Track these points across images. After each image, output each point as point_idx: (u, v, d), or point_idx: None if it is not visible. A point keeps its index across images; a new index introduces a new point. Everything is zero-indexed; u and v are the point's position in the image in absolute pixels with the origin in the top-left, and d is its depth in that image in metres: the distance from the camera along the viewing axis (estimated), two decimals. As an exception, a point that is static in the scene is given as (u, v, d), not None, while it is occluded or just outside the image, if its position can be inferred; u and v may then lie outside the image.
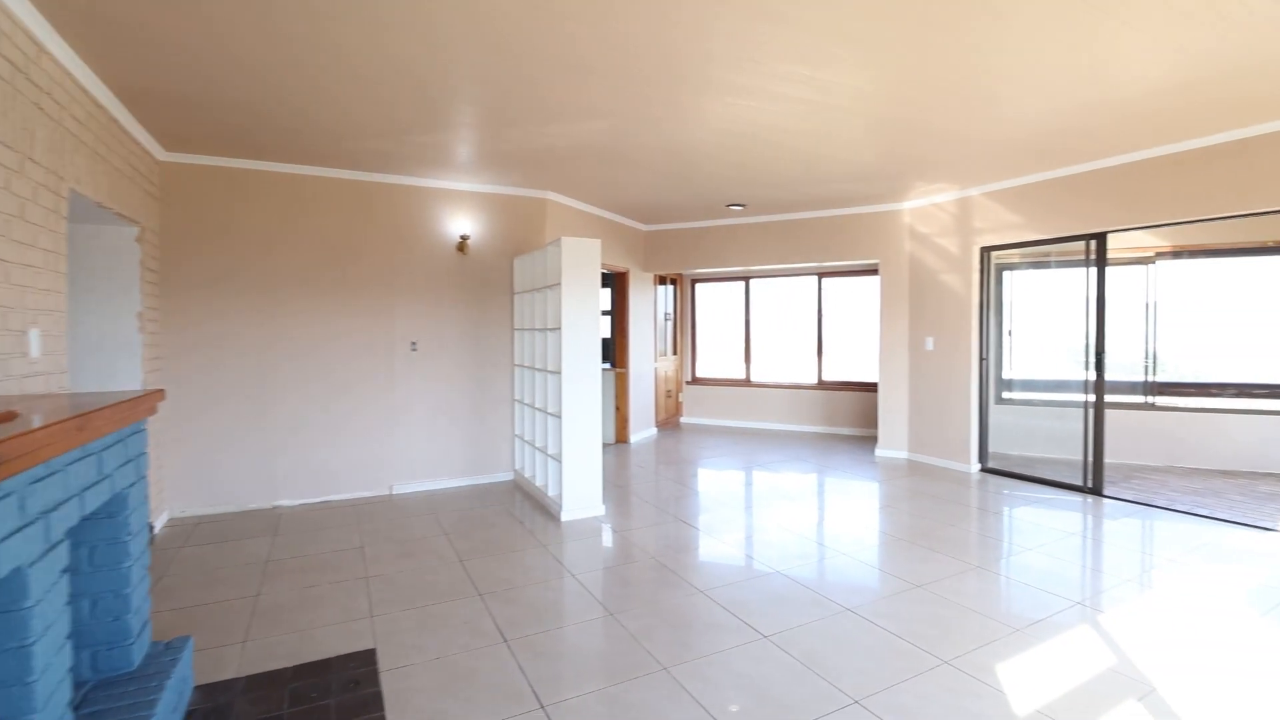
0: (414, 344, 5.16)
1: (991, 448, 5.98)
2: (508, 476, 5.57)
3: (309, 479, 4.86)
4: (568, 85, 3.31)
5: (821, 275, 8.13)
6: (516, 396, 5.48)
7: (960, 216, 5.83)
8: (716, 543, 3.92)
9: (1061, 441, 6.66)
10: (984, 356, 5.83)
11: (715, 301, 9.02)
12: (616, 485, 5.37)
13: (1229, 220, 4.40)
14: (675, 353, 8.72)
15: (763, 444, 7.30)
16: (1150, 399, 6.44)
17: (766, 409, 8.39)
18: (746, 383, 8.59)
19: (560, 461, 4.38)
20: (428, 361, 5.22)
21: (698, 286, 8.99)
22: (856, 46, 2.89)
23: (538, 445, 4.94)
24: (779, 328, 8.82)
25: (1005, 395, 6.89)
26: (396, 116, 3.74)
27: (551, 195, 5.77)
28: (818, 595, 3.12)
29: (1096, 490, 4.98)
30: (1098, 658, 2.51)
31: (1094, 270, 4.95)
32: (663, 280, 8.29)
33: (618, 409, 7.19)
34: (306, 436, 4.84)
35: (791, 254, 6.97)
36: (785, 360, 8.71)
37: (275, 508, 4.73)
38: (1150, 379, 6.45)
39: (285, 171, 4.73)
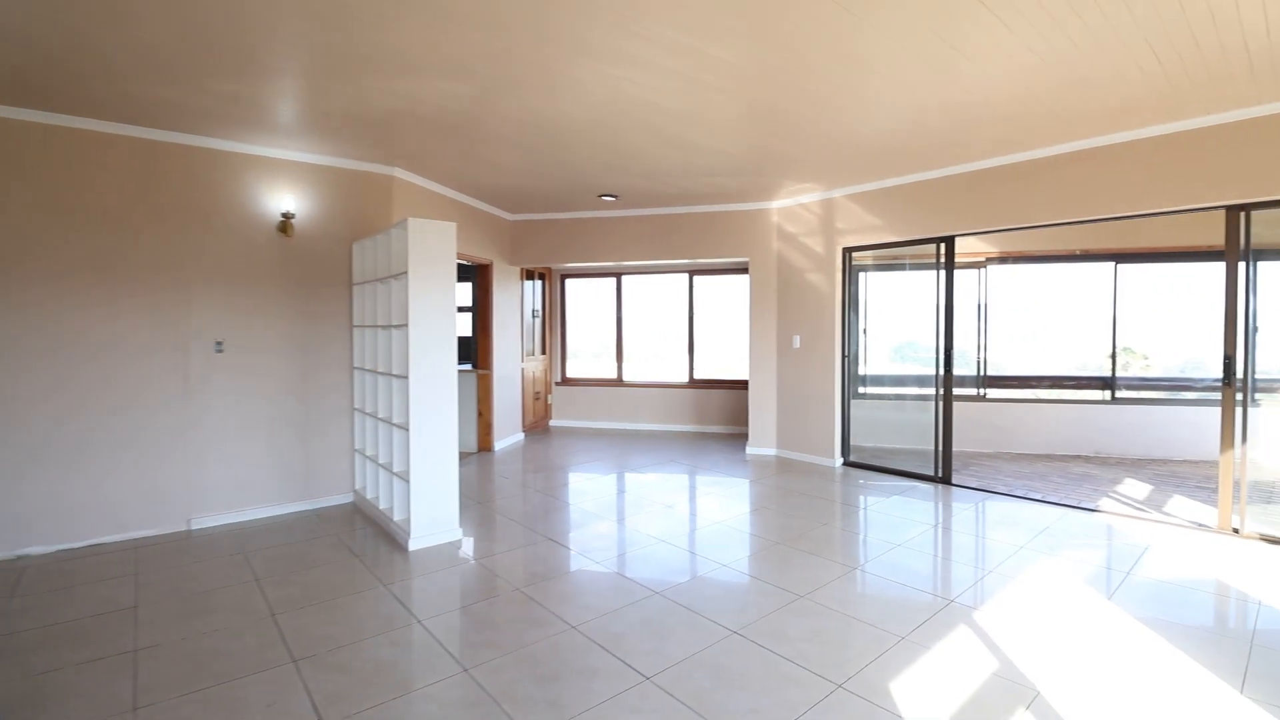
0: (219, 344, 4.21)
1: (851, 441, 6.17)
2: (345, 499, 4.77)
3: (69, 517, 3.77)
4: (418, 29, 2.73)
5: (693, 273, 8.06)
6: (357, 405, 4.71)
7: (825, 217, 5.94)
8: (589, 563, 3.54)
9: (911, 433, 7.12)
10: (846, 354, 6.00)
11: (586, 298, 8.65)
12: (478, 502, 4.80)
13: (1048, 229, 4.81)
14: (544, 352, 8.23)
15: (635, 446, 7.05)
16: (982, 391, 7.05)
17: (639, 409, 8.17)
18: (619, 383, 8.31)
19: (408, 481, 3.75)
20: (238, 364, 4.29)
21: (568, 282, 8.56)
22: (744, 18, 2.63)
23: (382, 462, 4.24)
24: (651, 326, 8.65)
25: (861, 390, 7.22)
26: (186, 50, 2.92)
27: (400, 172, 5.04)
28: (700, 618, 2.84)
29: (946, 479, 5.27)
30: (982, 663, 2.46)
31: (943, 273, 5.23)
32: (530, 275, 7.76)
33: (480, 414, 6.56)
34: (66, 462, 3.75)
35: (664, 250, 6.77)
36: (657, 360, 8.56)
37: (18, 558, 3.61)
38: (981, 373, 7.05)
39: (34, 121, 3.61)
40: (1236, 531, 3.88)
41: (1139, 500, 4.81)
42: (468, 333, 7.57)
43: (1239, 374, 3.94)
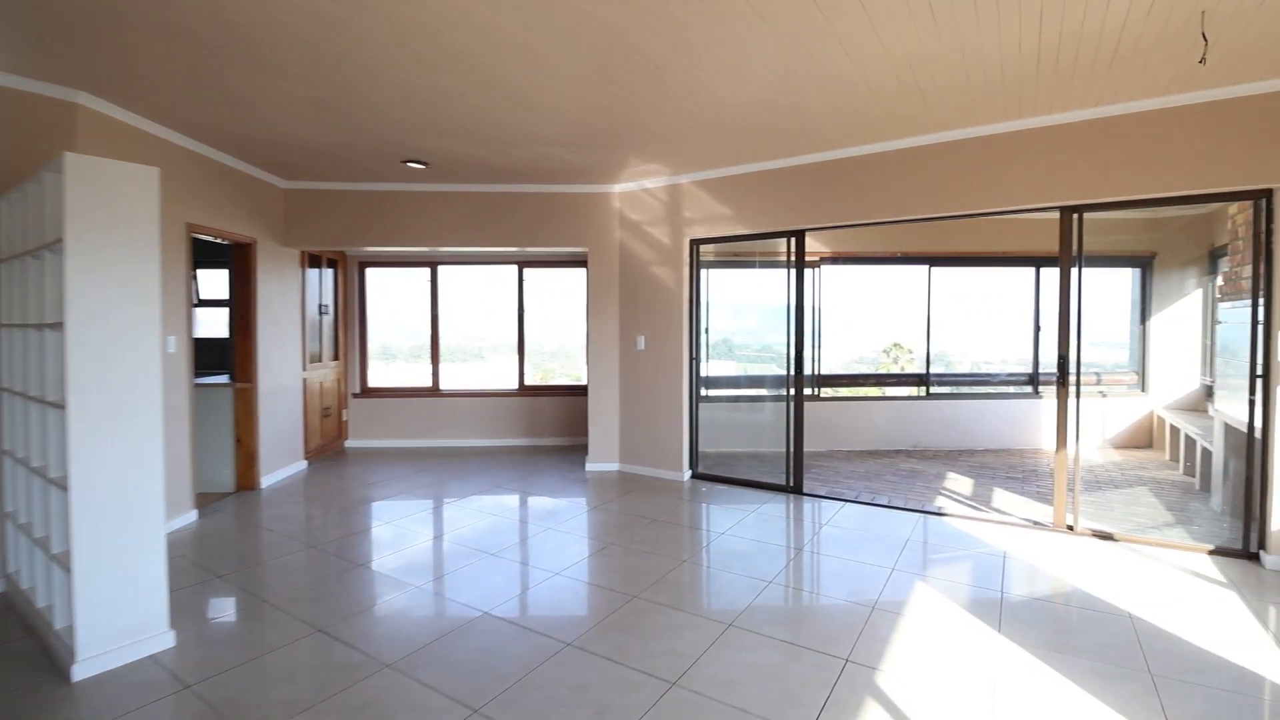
0: None
1: (699, 448, 5.68)
2: (-14, 589, 3.10)
3: None
4: None
5: (524, 264, 7.08)
6: (6, 446, 3.07)
7: (672, 205, 5.36)
8: (377, 667, 2.47)
9: (759, 436, 6.89)
10: (694, 356, 5.48)
11: (393, 292, 7.23)
12: (215, 575, 3.40)
13: (880, 229, 4.69)
14: (338, 358, 6.69)
15: (455, 468, 5.92)
16: (816, 391, 7.03)
17: (460, 423, 7.00)
18: (435, 392, 7.06)
19: (69, 568, 2.36)
20: None
21: (369, 272, 7.08)
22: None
23: (38, 535, 2.73)
24: (475, 326, 7.51)
25: (705, 394, 6.82)
26: None
27: (90, 100, 3.44)
28: (545, 747, 1.97)
29: (797, 488, 4.96)
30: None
31: (793, 270, 4.91)
32: (316, 261, 6.21)
33: (239, 442, 4.97)
34: None
35: (490, 236, 5.73)
36: (482, 364, 7.45)
37: None
38: (816, 373, 7.03)
39: None
40: (1071, 529, 3.95)
41: (971, 498, 4.89)
42: (224, 333, 5.84)
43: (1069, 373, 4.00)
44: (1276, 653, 2.51)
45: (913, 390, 7.22)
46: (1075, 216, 3.88)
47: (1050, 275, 7.11)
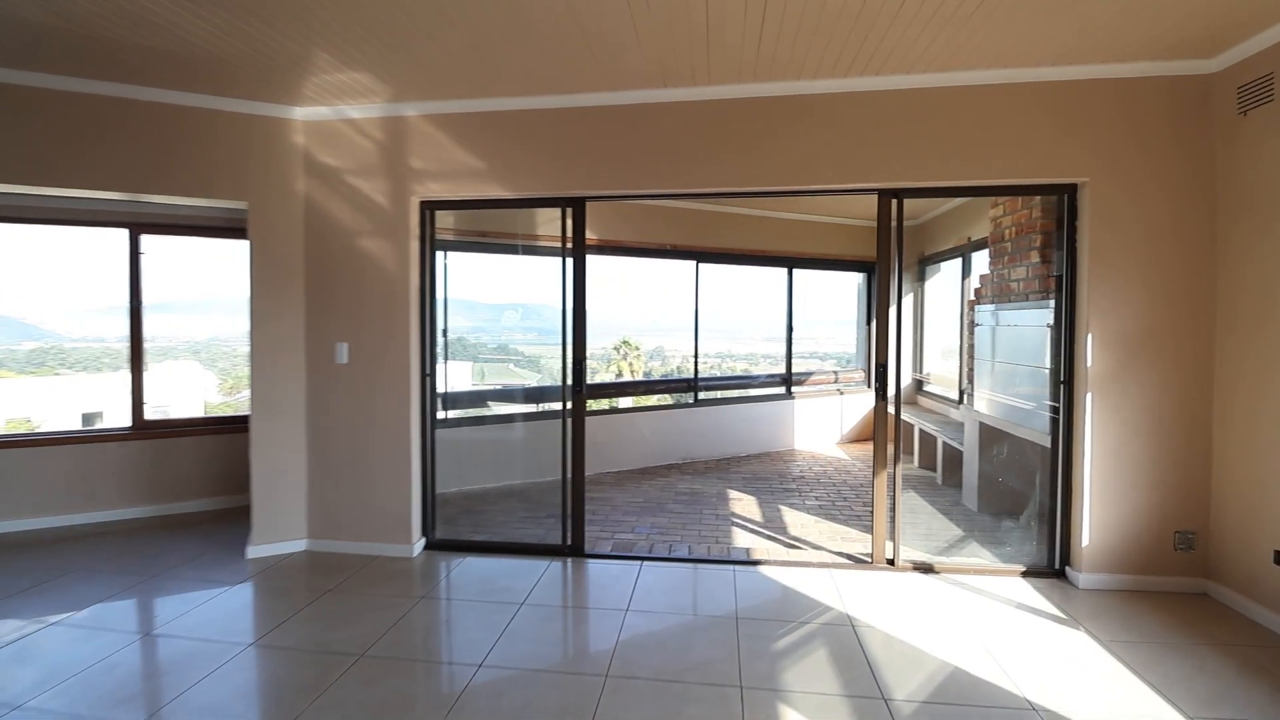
0: None
1: (436, 493, 4.07)
2: None
3: None
4: None
5: (138, 228, 4.47)
6: None
7: (392, 148, 3.62)
8: None
9: (517, 465, 5.46)
10: (428, 369, 3.83)
11: None
12: None
13: (650, 214, 3.74)
14: None
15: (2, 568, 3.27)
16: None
17: (16, 488, 4.11)
18: (-51, 439, 4.04)
19: None
20: None
21: None
22: None
23: None
24: (49, 321, 4.63)
25: (444, 416, 5.19)
26: None
27: None
28: None
29: (577, 548, 3.69)
30: None
31: (570, 257, 3.62)
32: None
33: None
34: None
35: (63, 171, 3.24)
36: (63, 389, 4.61)
37: None
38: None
39: None
40: (892, 563, 3.43)
41: (766, 525, 4.23)
42: None
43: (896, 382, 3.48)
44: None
45: (650, 399, 6.58)
46: (895, 202, 3.34)
47: (806, 277, 7.14)
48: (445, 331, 5.23)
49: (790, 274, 6.94)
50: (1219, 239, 3.03)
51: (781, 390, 7.07)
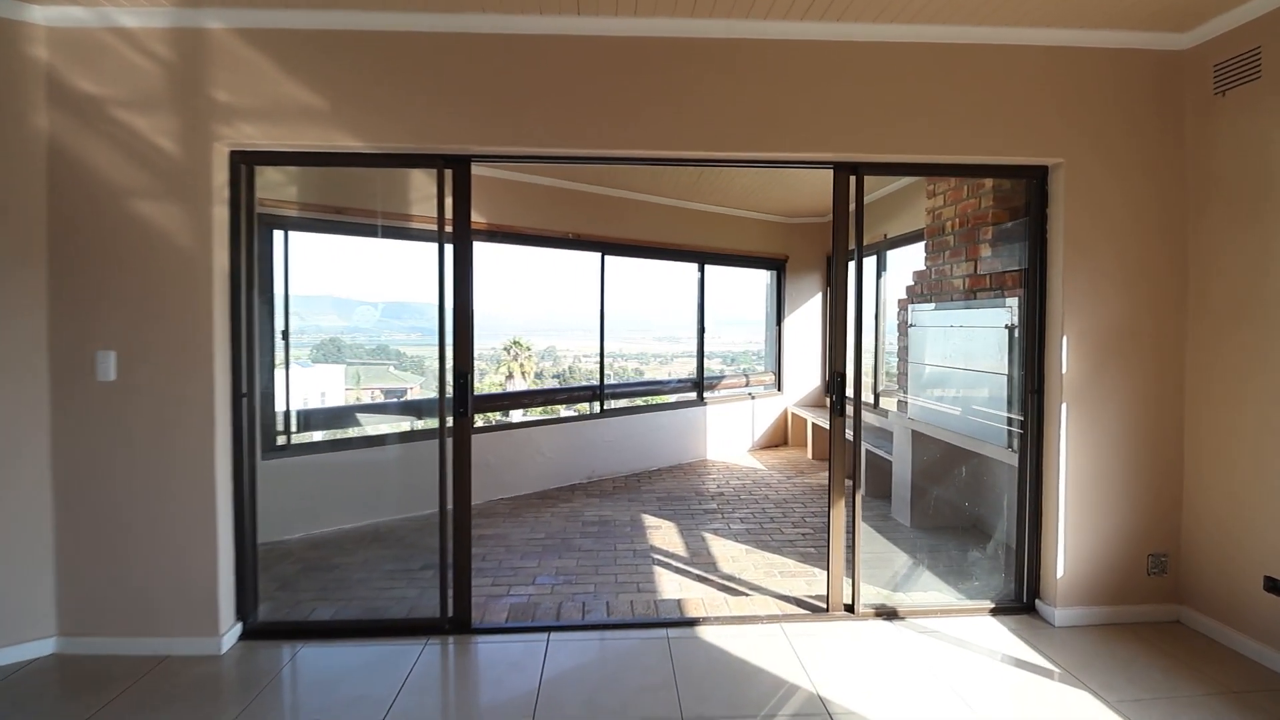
0: None
1: (259, 540, 3.04)
2: None
3: None
4: None
5: None
6: None
7: (186, 72, 2.54)
8: None
9: (382, 498, 4.41)
10: (245, 390, 2.77)
11: None
12: None
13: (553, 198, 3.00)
14: None
15: None
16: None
17: None
18: None
19: None
20: None
21: None
22: None
23: None
24: None
25: (282, 444, 4.11)
26: None
27: None
28: None
29: (462, 621, 2.80)
30: None
31: (449, 240, 2.74)
32: None
33: None
34: None
35: None
36: None
37: None
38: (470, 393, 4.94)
39: None
40: (851, 609, 2.88)
41: (693, 561, 3.59)
42: None
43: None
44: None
45: (529, 408, 5.81)
46: (854, 178, 2.79)
47: (719, 274, 6.63)
48: (287, 334, 4.12)
49: (702, 270, 6.39)
50: (1189, 231, 2.76)
51: (693, 396, 6.50)
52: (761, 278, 7.38)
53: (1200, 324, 2.73)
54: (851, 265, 2.83)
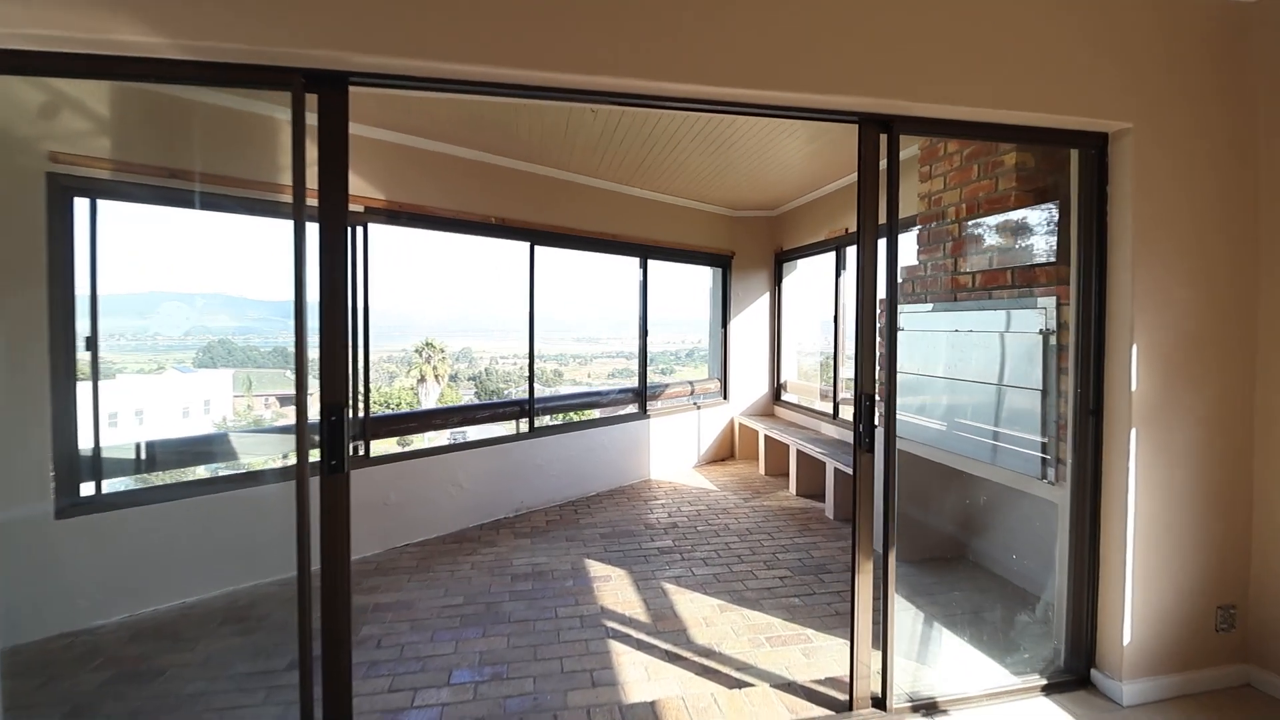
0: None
1: (48, 627, 1.96)
2: None
3: None
4: None
5: None
6: None
7: None
8: None
9: (242, 558, 3.31)
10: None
11: None
12: None
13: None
14: None
15: None
16: (359, 446, 3.93)
17: None
18: None
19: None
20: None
21: None
22: None
23: None
24: None
25: (89, 493, 3.00)
26: None
27: None
28: None
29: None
30: None
31: (297, 231, 1.81)
32: None
33: None
34: None
35: None
36: None
37: None
38: (363, 413, 3.93)
39: None
40: (882, 705, 2.20)
41: (659, 630, 2.81)
42: None
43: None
44: None
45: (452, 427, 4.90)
46: (884, 137, 2.11)
47: (664, 270, 5.89)
48: (94, 342, 2.99)
49: (645, 265, 5.64)
50: (1261, 222, 2.29)
51: (635, 409, 5.74)
52: (704, 275, 6.74)
53: (1273, 330, 2.26)
54: (882, 246, 2.13)
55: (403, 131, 3.90)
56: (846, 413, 5.27)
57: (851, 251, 5.28)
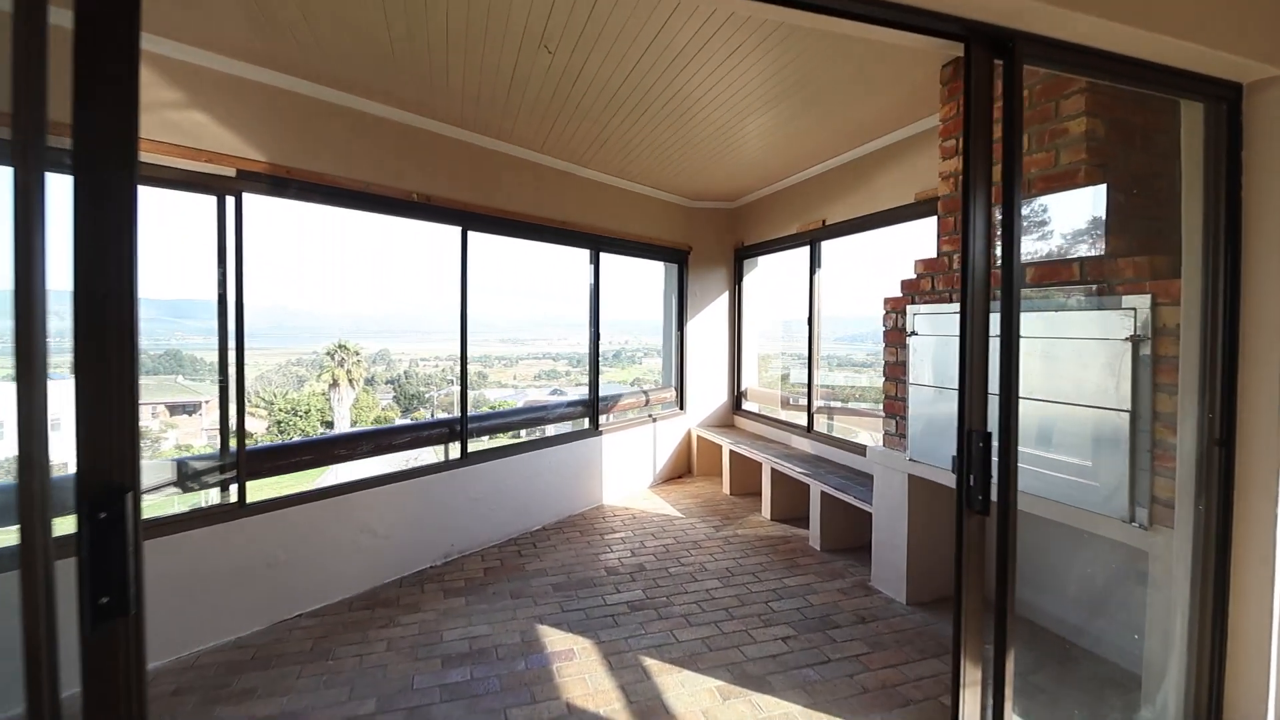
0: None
1: None
2: None
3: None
4: None
5: None
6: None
7: None
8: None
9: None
10: None
11: None
12: None
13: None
14: None
15: None
16: (232, 491, 2.96)
17: None
18: None
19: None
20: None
21: None
22: None
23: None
24: None
25: None
26: None
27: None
28: None
29: None
30: None
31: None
32: None
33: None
34: None
35: None
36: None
37: None
38: (234, 441, 2.97)
39: None
40: None
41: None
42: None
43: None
44: None
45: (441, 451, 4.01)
46: (1002, 64, 1.49)
47: (617, 263, 5.16)
48: None
49: (596, 258, 4.89)
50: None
51: (586, 424, 4.98)
52: (658, 271, 6.07)
53: None
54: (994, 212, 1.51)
55: (293, 75, 2.98)
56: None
57: (827, 246, 4.76)
